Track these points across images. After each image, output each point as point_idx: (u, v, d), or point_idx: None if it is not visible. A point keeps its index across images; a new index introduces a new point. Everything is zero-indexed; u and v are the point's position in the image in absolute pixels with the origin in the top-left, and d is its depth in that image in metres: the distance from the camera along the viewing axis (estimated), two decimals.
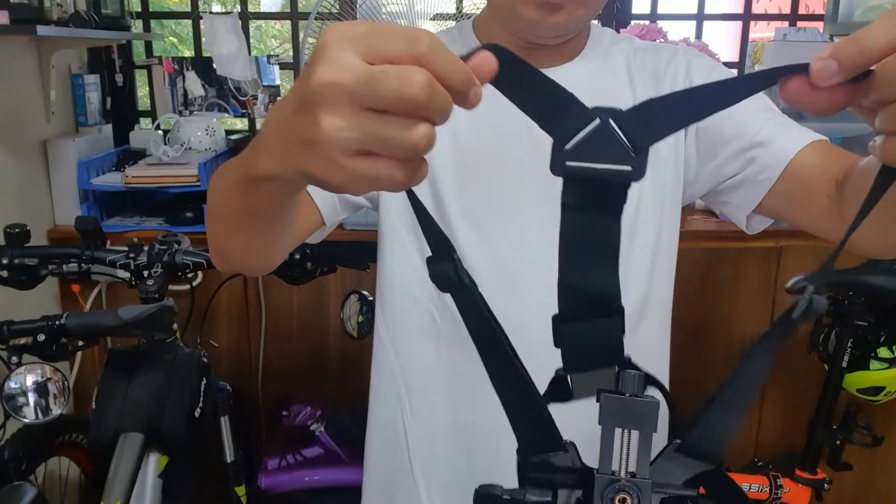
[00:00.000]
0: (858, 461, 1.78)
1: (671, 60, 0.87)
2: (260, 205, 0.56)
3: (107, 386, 1.22)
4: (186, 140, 1.97)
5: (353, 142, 0.37)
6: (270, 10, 3.73)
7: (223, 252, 0.74)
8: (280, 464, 1.77)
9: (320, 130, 0.37)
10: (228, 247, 0.72)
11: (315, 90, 0.37)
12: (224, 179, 0.62)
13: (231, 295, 1.84)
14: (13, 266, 1.29)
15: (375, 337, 0.93)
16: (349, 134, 0.37)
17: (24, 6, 1.57)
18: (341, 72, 0.36)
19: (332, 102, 0.37)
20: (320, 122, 0.37)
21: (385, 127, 0.37)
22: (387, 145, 0.37)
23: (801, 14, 2.20)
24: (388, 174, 0.38)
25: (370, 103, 0.36)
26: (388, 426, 0.92)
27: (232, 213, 0.62)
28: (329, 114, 0.37)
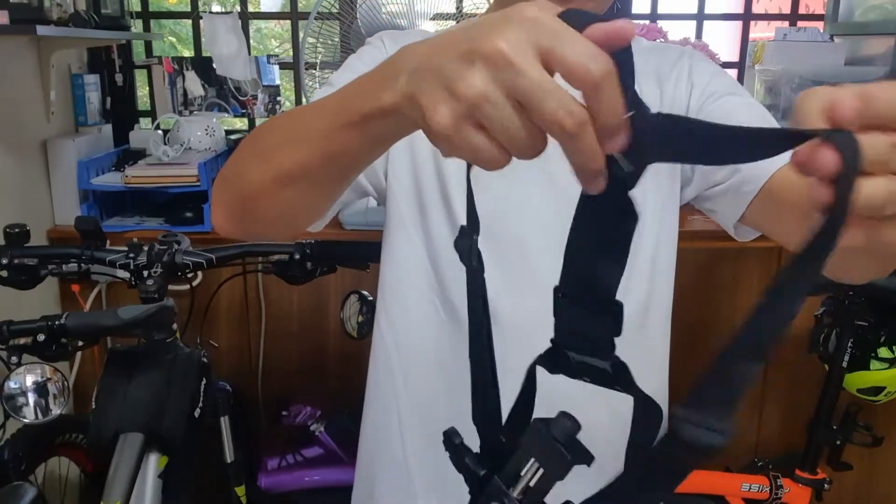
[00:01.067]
0: (858, 461, 1.78)
1: (676, 62, 0.87)
2: (355, 145, 0.53)
3: (107, 386, 1.22)
4: (186, 140, 1.97)
5: (488, 118, 0.38)
6: (270, 10, 3.73)
7: (258, 201, 0.64)
8: (280, 464, 1.77)
9: (468, 88, 0.38)
10: (270, 201, 0.64)
11: (489, 54, 0.37)
12: (313, 121, 0.56)
13: (231, 295, 1.84)
14: (13, 266, 1.29)
15: (375, 330, 0.93)
16: (490, 109, 0.37)
17: (23, 6, 1.57)
18: (520, 58, 0.37)
19: (495, 75, 0.37)
20: (474, 82, 0.37)
21: (519, 125, 0.38)
22: (510, 139, 0.38)
23: (801, 14, 2.20)
24: (493, 157, 0.39)
25: (522, 99, 0.37)
26: (382, 418, 0.92)
27: (305, 160, 0.57)
28: (486, 82, 0.37)
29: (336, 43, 1.89)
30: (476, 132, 0.39)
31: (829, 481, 1.70)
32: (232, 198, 0.67)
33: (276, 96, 2.15)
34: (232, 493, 1.61)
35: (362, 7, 1.81)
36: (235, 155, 0.67)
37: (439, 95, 0.39)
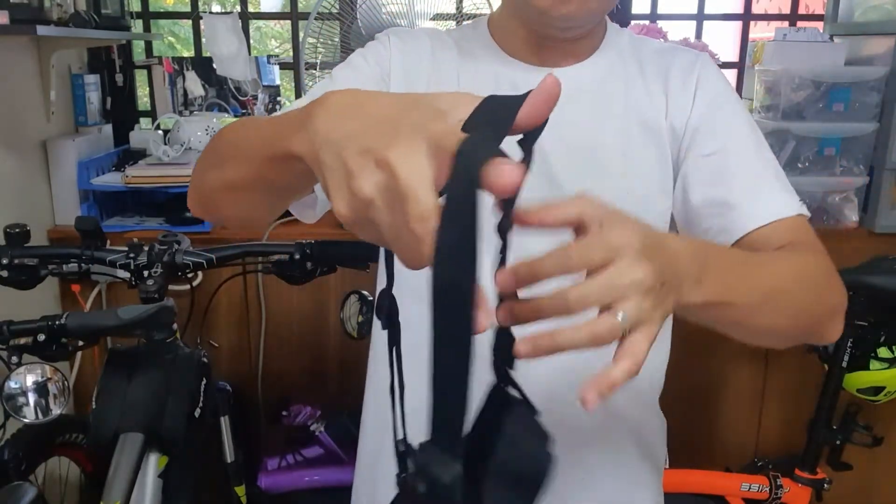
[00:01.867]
0: (858, 461, 1.78)
1: (687, 73, 0.86)
2: (280, 176, 0.56)
3: (107, 386, 1.22)
4: (186, 140, 1.97)
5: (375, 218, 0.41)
6: (270, 11, 3.73)
7: (215, 201, 0.70)
8: (280, 464, 1.77)
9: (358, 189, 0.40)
10: (224, 203, 0.69)
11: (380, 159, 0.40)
12: (252, 141, 0.60)
13: (231, 295, 1.84)
14: (13, 266, 1.29)
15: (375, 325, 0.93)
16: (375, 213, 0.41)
17: (23, 6, 1.57)
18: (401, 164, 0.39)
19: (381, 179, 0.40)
20: (362, 185, 0.40)
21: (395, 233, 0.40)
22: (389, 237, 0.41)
23: (801, 14, 2.20)
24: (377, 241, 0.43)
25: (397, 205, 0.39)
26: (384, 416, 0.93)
27: (245, 176, 0.60)
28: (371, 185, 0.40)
29: (336, 43, 1.89)
30: (369, 225, 0.41)
31: (829, 481, 1.70)
32: (196, 193, 0.73)
33: (277, 96, 2.15)
34: (232, 493, 1.61)
35: (362, 7, 1.81)
36: (203, 152, 0.72)
37: (341, 187, 0.42)
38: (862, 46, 1.96)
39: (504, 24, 0.87)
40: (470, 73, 0.86)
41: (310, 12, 1.85)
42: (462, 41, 0.89)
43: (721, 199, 0.80)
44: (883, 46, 1.88)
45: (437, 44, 0.88)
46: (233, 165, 0.62)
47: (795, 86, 1.85)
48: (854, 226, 1.91)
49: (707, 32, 2.19)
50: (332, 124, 0.44)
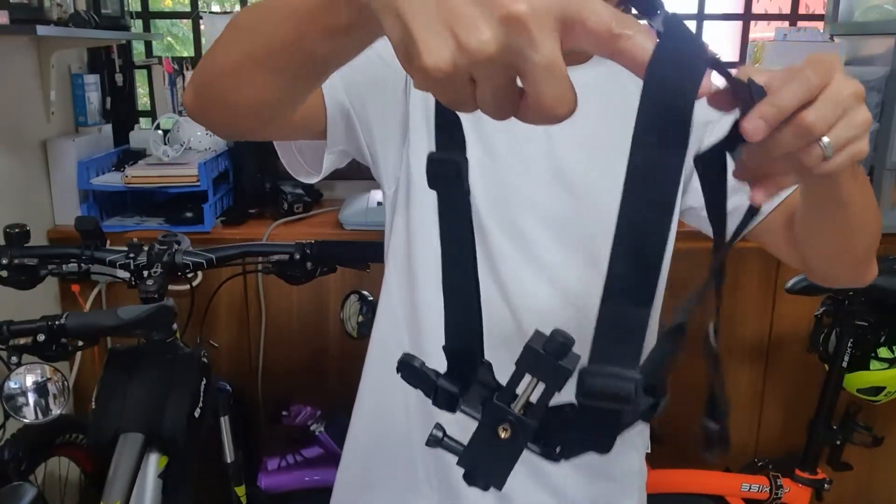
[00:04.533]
0: (858, 461, 1.78)
1: None
2: (328, 42, 0.49)
3: (107, 386, 1.22)
4: (186, 140, 1.96)
5: (483, 78, 0.36)
6: None
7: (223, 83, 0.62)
8: (280, 464, 1.77)
9: (476, 43, 0.34)
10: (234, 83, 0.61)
11: (508, 16, 0.34)
12: (279, 6, 0.53)
13: (231, 295, 1.84)
14: (13, 266, 1.29)
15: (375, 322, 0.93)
16: (487, 71, 0.36)
17: (23, 6, 1.57)
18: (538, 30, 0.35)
19: (508, 40, 0.35)
20: (483, 37, 0.34)
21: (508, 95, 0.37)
22: (491, 101, 0.37)
23: (802, 14, 2.20)
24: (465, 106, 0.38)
25: (523, 72, 0.36)
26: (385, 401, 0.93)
27: (279, 39, 0.53)
28: (497, 41, 0.34)
29: None
30: (466, 84, 0.37)
31: (830, 481, 1.70)
32: (202, 78, 0.65)
33: None
34: (232, 493, 1.61)
35: None
36: (216, 40, 0.66)
37: (439, 33, 0.35)
38: (862, 46, 1.96)
39: None
40: None
41: None
42: None
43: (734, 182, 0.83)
44: (883, 46, 1.88)
45: None
46: (258, 34, 0.55)
47: None
48: None
49: (707, 32, 2.19)
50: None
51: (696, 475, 1.72)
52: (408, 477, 0.91)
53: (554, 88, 0.36)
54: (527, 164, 0.84)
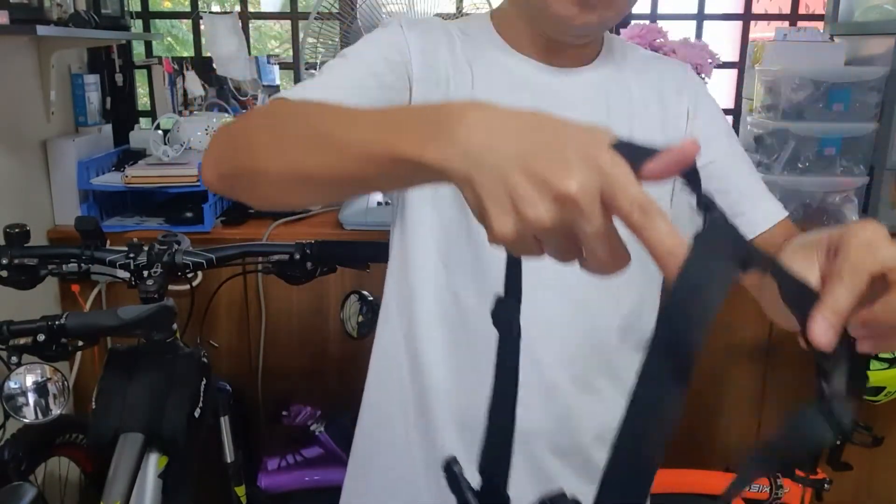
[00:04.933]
0: (858, 461, 1.78)
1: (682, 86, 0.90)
2: (381, 177, 0.52)
3: (107, 386, 1.22)
4: (186, 140, 1.97)
5: (545, 240, 0.42)
6: (270, 11, 3.73)
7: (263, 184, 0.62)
8: (280, 464, 1.77)
9: (536, 219, 0.40)
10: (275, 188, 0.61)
11: (560, 195, 0.40)
12: (343, 134, 0.53)
13: (231, 295, 1.84)
14: (13, 266, 1.29)
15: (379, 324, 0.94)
16: (549, 236, 0.42)
17: (23, 6, 1.57)
18: (587, 205, 0.40)
19: (561, 214, 0.40)
20: (541, 215, 0.40)
21: (569, 252, 0.43)
22: (556, 255, 0.43)
23: (801, 14, 2.20)
24: (533, 255, 0.44)
25: (580, 237, 0.41)
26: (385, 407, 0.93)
27: (326, 170, 0.55)
28: (552, 217, 0.40)
29: (336, 43, 1.89)
30: (532, 243, 0.43)
31: (830, 481, 1.70)
32: (234, 167, 0.64)
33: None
34: (232, 493, 1.61)
35: (362, 7, 1.81)
36: (249, 123, 0.65)
37: (505, 208, 0.41)
38: (862, 46, 1.96)
39: (510, 22, 0.87)
40: (483, 67, 0.85)
41: (309, 12, 1.85)
42: (469, 33, 0.88)
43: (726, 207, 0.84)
44: (883, 46, 1.88)
45: (447, 34, 0.87)
46: (310, 155, 0.56)
47: (795, 86, 1.85)
48: None
49: (707, 32, 2.19)
50: (484, 143, 0.43)
51: (696, 475, 1.72)
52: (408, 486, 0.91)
53: (606, 252, 0.41)
54: None
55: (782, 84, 1.86)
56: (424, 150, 0.46)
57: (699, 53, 1.85)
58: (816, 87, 1.85)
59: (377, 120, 0.52)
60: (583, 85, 0.86)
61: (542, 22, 0.81)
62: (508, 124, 0.43)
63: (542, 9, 0.78)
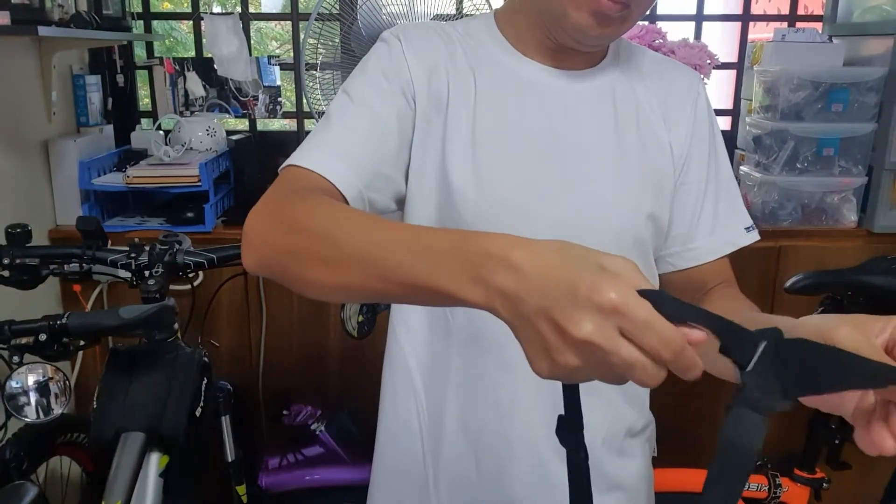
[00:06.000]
0: (857, 461, 1.79)
1: (685, 97, 0.90)
2: (422, 299, 0.56)
3: (108, 385, 1.22)
4: (187, 140, 1.97)
5: (582, 377, 0.47)
6: (271, 11, 3.74)
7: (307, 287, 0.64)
8: (280, 463, 1.77)
9: (563, 361, 0.46)
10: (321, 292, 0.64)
11: (581, 342, 0.45)
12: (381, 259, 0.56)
13: (232, 295, 1.85)
14: (14, 266, 1.29)
15: (389, 332, 0.94)
16: (582, 375, 0.47)
17: (25, 7, 1.58)
18: (610, 344, 0.44)
19: (588, 357, 0.45)
20: (571, 361, 0.46)
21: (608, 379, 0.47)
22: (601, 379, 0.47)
23: (800, 14, 2.20)
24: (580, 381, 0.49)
25: (612, 369, 0.45)
26: (402, 416, 0.93)
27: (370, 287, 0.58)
28: (577, 359, 0.46)
29: (336, 44, 1.89)
30: (575, 377, 0.47)
31: (828, 480, 1.71)
32: (279, 266, 0.66)
33: (277, 97, 2.16)
34: (233, 493, 1.61)
35: (363, 8, 1.82)
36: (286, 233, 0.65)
37: (540, 353, 0.47)
38: (860, 47, 1.96)
39: (516, 24, 0.86)
40: (486, 70, 0.84)
41: (310, 13, 1.86)
42: (471, 36, 0.87)
43: (684, 231, 0.89)
44: (881, 47, 1.88)
45: (447, 39, 0.86)
46: (354, 271, 0.58)
47: (794, 86, 1.85)
48: (853, 226, 1.92)
49: (706, 33, 2.19)
50: (518, 292, 0.48)
51: (696, 474, 1.73)
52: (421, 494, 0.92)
53: (639, 375, 0.45)
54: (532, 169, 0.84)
55: (781, 85, 1.86)
56: (467, 291, 0.50)
57: (698, 54, 1.85)
58: (815, 88, 1.85)
59: (418, 246, 0.55)
60: (589, 88, 0.86)
61: (558, 32, 0.80)
62: (539, 269, 0.48)
63: (561, 19, 0.78)
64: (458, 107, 0.82)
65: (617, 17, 0.75)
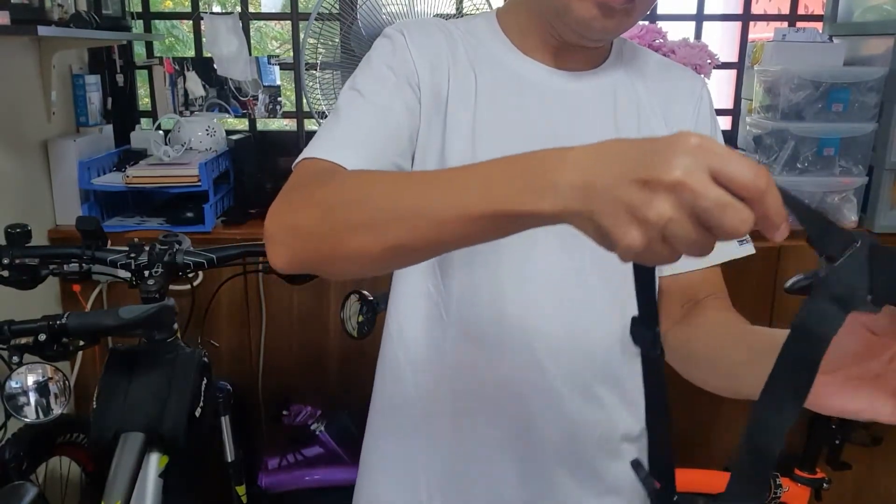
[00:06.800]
0: (857, 461, 1.79)
1: (687, 100, 0.90)
2: (486, 233, 0.54)
3: (107, 386, 1.22)
4: (187, 140, 1.97)
5: (674, 235, 0.43)
6: (271, 11, 3.74)
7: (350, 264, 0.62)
8: (280, 463, 1.77)
9: (658, 217, 0.43)
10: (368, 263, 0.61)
11: (671, 184, 0.42)
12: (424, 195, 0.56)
13: (231, 295, 1.85)
14: (14, 266, 1.29)
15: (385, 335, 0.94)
16: (676, 229, 0.43)
17: (24, 6, 1.58)
18: (699, 182, 0.42)
19: (678, 200, 0.42)
20: (662, 211, 0.43)
21: (698, 237, 0.44)
22: (688, 247, 0.44)
23: (801, 14, 2.20)
24: (669, 258, 0.45)
25: (702, 217, 0.43)
26: (391, 420, 0.93)
27: (426, 237, 0.56)
28: (672, 208, 0.43)
29: (336, 44, 1.89)
30: (662, 245, 0.44)
31: (829, 481, 1.71)
32: (315, 253, 0.64)
33: (277, 97, 2.15)
34: (233, 493, 1.61)
35: (363, 8, 1.82)
36: (317, 204, 0.64)
37: (627, 221, 0.44)
38: (861, 47, 1.96)
39: (519, 22, 0.86)
40: (487, 69, 0.84)
41: (310, 13, 1.85)
42: (473, 34, 0.86)
43: None
44: (882, 47, 1.88)
45: (449, 36, 0.85)
46: (407, 227, 0.56)
47: (794, 86, 1.85)
48: (853, 226, 1.92)
49: (706, 33, 2.19)
50: (588, 179, 0.46)
51: (695, 474, 1.73)
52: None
53: (731, 217, 0.42)
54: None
55: (781, 84, 1.86)
56: (535, 203, 0.48)
57: (698, 54, 1.85)
58: (815, 88, 1.85)
59: (465, 182, 0.54)
60: (590, 88, 0.86)
61: (561, 25, 0.80)
62: (598, 156, 0.47)
63: (563, 12, 0.77)
64: (459, 104, 0.82)
65: (621, 9, 0.75)
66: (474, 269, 0.84)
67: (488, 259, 0.83)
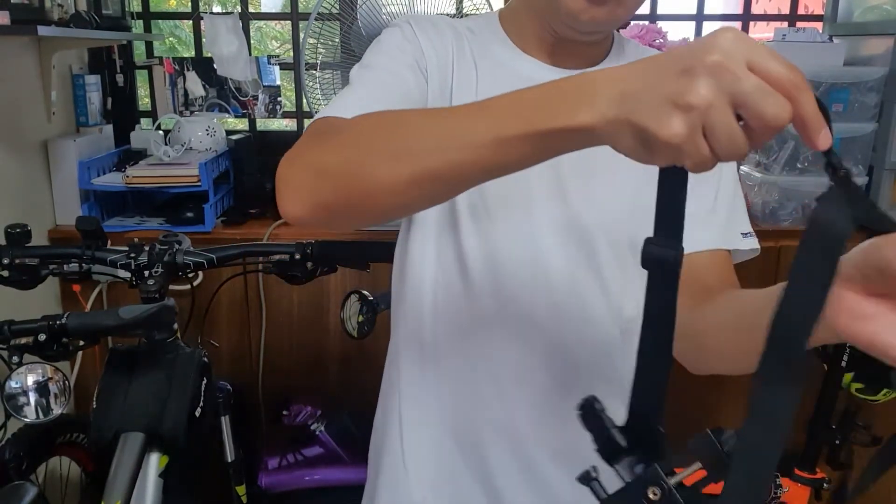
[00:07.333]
0: (857, 461, 1.79)
1: None
2: (524, 156, 0.53)
3: (107, 386, 1.22)
4: (187, 140, 1.97)
5: (713, 126, 0.43)
6: (271, 11, 3.74)
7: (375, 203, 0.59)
8: (280, 463, 1.77)
9: (699, 98, 0.43)
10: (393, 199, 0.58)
11: (710, 67, 0.43)
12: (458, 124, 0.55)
13: (231, 295, 1.85)
14: (14, 266, 1.29)
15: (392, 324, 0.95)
16: (717, 115, 0.43)
17: (24, 6, 1.58)
18: (738, 68, 0.42)
19: (719, 84, 0.43)
20: (703, 92, 0.43)
21: (736, 133, 0.43)
22: (728, 142, 0.43)
23: (801, 14, 2.20)
24: (707, 158, 0.45)
25: (742, 102, 0.42)
26: (389, 412, 0.93)
27: (460, 163, 0.55)
28: (711, 90, 0.43)
29: (336, 43, 1.89)
30: (702, 141, 0.44)
31: (828, 481, 1.71)
32: (338, 192, 0.61)
33: (277, 97, 2.15)
34: (233, 493, 1.61)
35: (363, 8, 1.82)
36: (340, 143, 0.62)
37: (668, 112, 0.44)
38: (861, 47, 1.96)
39: (519, 22, 0.87)
40: (488, 66, 0.85)
41: (310, 13, 1.85)
42: (474, 32, 0.88)
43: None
44: (882, 47, 1.88)
45: (454, 31, 0.87)
46: (440, 154, 0.55)
47: None
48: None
49: (707, 32, 2.19)
50: (627, 88, 0.47)
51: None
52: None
53: (772, 104, 0.42)
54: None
55: None
56: (574, 116, 0.49)
57: None
58: (815, 88, 1.85)
59: (499, 106, 0.54)
60: None
61: (551, 16, 0.81)
62: (630, 69, 0.48)
63: (552, 2, 0.78)
64: (461, 96, 0.83)
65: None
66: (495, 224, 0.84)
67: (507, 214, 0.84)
